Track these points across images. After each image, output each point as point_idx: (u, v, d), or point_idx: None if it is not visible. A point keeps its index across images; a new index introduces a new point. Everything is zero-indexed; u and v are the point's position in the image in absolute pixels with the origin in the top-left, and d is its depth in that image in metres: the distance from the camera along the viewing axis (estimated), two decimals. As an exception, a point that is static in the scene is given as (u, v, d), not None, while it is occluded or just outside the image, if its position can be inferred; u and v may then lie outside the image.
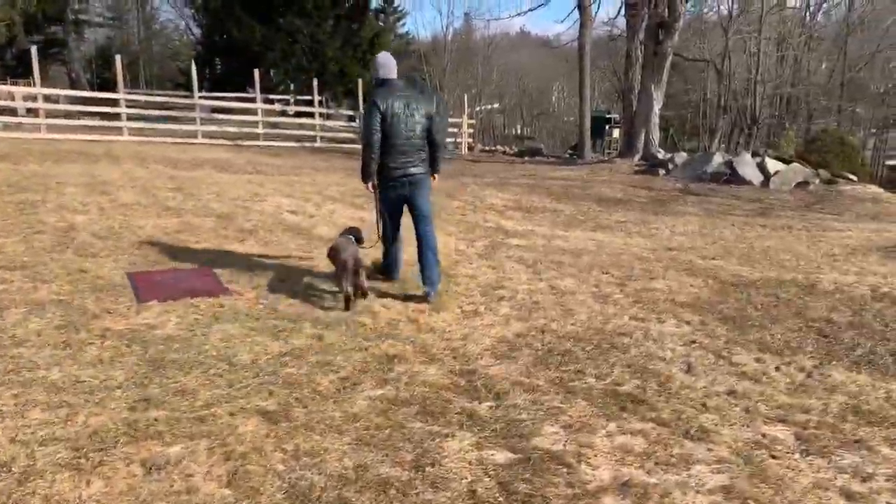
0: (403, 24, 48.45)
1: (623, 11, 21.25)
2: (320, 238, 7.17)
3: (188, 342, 4.00)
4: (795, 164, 16.57)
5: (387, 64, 5.06)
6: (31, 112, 19.91)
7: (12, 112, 20.32)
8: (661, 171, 18.17)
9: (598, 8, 23.36)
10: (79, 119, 22.19)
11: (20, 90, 22.22)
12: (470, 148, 26.67)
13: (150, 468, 2.69)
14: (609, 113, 28.93)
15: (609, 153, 24.27)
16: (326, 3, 31.43)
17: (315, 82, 24.14)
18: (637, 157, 20.71)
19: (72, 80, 39.95)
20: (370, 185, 5.08)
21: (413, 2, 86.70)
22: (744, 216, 11.38)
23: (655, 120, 20.95)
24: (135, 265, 5.66)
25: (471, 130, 27.58)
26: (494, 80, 34.65)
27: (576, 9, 22.32)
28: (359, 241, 5.22)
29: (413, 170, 5.00)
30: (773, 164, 16.56)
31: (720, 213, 11.52)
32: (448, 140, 26.52)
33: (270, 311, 4.66)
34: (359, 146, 22.15)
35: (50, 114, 19.58)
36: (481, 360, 3.84)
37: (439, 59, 37.56)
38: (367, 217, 8.79)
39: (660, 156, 20.32)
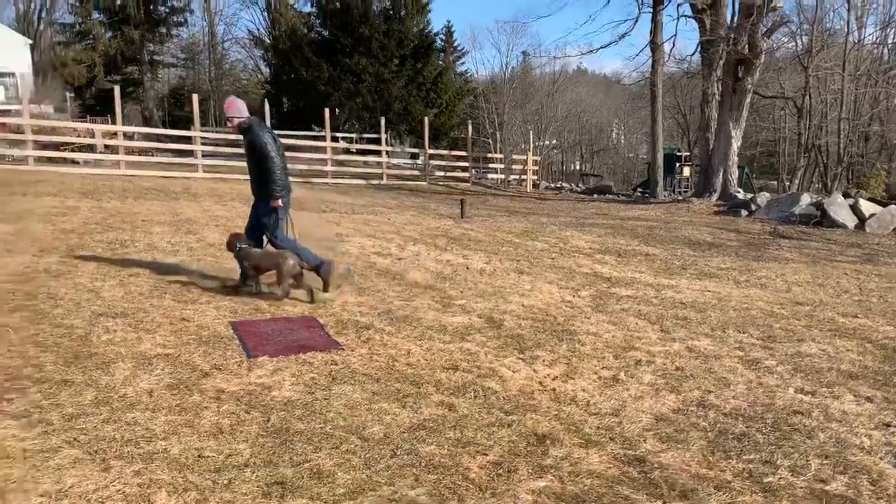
0: (463, 63, 48.93)
1: (699, 48, 20.66)
2: (416, 284, 6.81)
3: (310, 408, 3.63)
4: (893, 206, 15.56)
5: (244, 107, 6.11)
6: (109, 149, 20.44)
7: (92, 149, 20.90)
8: (744, 212, 17.38)
9: (673, 45, 22.83)
10: (153, 155, 22.79)
11: (101, 127, 22.94)
12: (534, 185, 26.28)
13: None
14: (679, 150, 28.16)
15: (681, 192, 23.48)
16: (392, 44, 31.88)
17: (383, 121, 24.22)
18: (715, 196, 19.93)
19: (145, 118, 41.49)
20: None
21: (472, 41, 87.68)
22: (850, 263, 10.58)
23: (734, 158, 20.18)
24: (236, 313, 5.38)
25: (535, 167, 27.22)
26: (558, 116, 34.31)
27: (647, 46, 21.90)
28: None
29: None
30: (867, 206, 15.62)
31: (824, 260, 10.73)
32: (500, 177, 26.17)
33: (388, 370, 4.27)
34: (423, 183, 22.14)
35: (128, 150, 20.08)
36: (646, 444, 3.34)
37: (498, 97, 37.49)
38: (453, 259, 8.45)
39: (740, 196, 19.51)
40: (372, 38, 31.40)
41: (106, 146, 20.47)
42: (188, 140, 22.12)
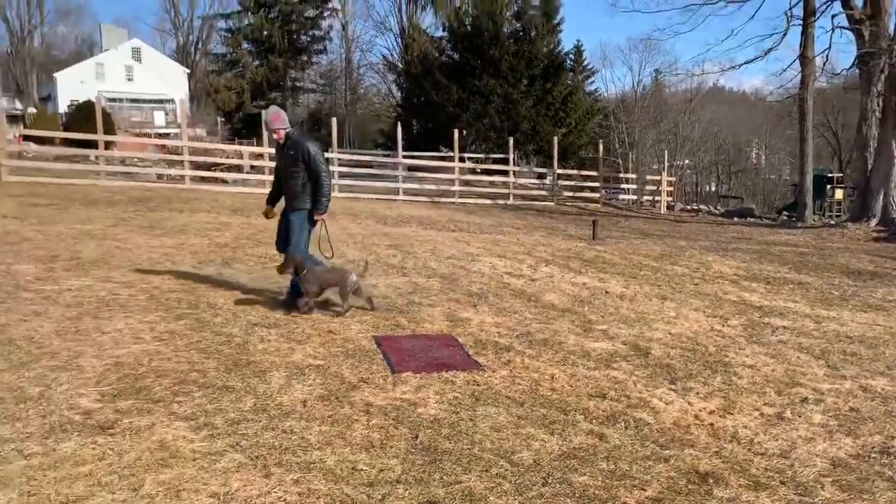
0: (592, 82, 48.30)
1: (857, 61, 19.11)
2: (552, 306, 6.67)
3: (456, 428, 3.60)
4: None
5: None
6: (255, 169, 21.82)
7: (240, 169, 22.41)
8: (909, 239, 15.78)
9: (826, 59, 21.31)
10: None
11: (248, 149, 24.58)
12: (669, 207, 25.29)
13: None
14: (829, 171, 26.12)
15: (832, 216, 21.71)
16: (521, 65, 32.00)
17: (511, 141, 24.28)
18: (874, 221, 18.25)
19: (285, 140, 43.98)
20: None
21: (602, 59, 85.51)
22: None
23: (896, 180, 18.43)
24: (378, 328, 5.50)
25: (669, 188, 26.22)
26: (694, 136, 32.94)
27: (797, 60, 20.56)
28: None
29: None
30: None
31: None
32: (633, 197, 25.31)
33: (531, 394, 4.17)
34: (551, 203, 21.83)
35: (272, 171, 21.38)
36: (824, 492, 3.02)
37: (629, 116, 36.56)
38: (588, 282, 8.22)
39: (903, 221, 17.77)
40: (501, 59, 31.69)
41: (252, 166, 21.90)
42: (326, 161, 23.24)
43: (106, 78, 45.90)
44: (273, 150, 24.61)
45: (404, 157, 22.78)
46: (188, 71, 50.56)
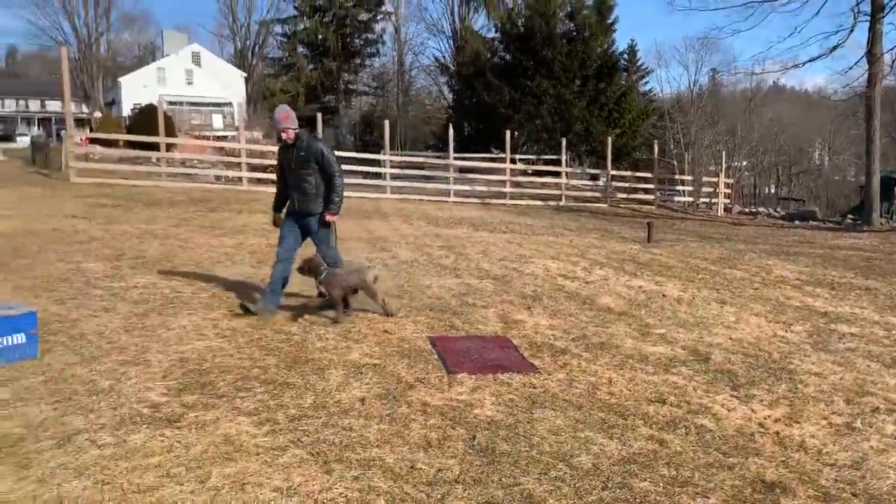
0: (647, 82, 47.46)
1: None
2: (608, 309, 6.58)
3: (514, 430, 3.58)
4: None
5: None
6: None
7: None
8: None
9: (894, 56, 20.41)
10: (345, 177, 24.42)
11: (302, 151, 24.92)
12: (726, 209, 24.66)
13: None
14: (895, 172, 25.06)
15: (901, 219, 20.82)
16: (574, 65, 31.71)
17: (564, 142, 24.06)
18: (947, 225, 17.39)
19: (338, 142, 44.68)
20: None
21: (658, 59, 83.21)
22: None
23: (972, 182, 17.53)
24: (433, 329, 5.52)
25: (727, 190, 25.56)
26: (755, 136, 31.99)
27: (864, 57, 19.80)
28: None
29: None
30: None
31: None
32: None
33: (589, 398, 4.13)
34: (604, 205, 21.48)
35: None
36: (900, 505, 2.90)
37: (684, 116, 35.79)
38: (645, 285, 8.07)
39: (979, 225, 16.88)
40: (554, 60, 31.46)
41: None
42: (377, 163, 23.51)
43: (167, 82, 47.39)
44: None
45: (455, 158, 22.81)
46: (245, 74, 51.78)
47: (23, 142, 39.15)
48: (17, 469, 3.01)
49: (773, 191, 44.35)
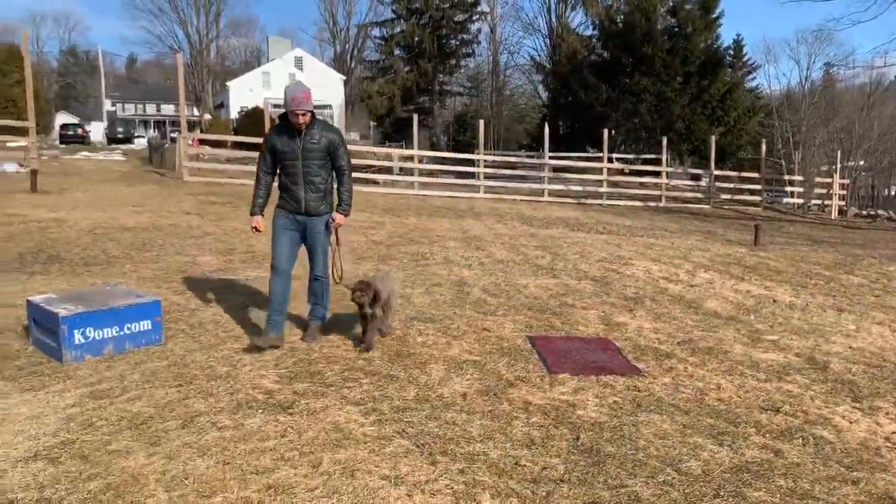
0: (754, 78, 45.28)
1: None
2: (715, 314, 6.33)
3: (619, 432, 3.52)
4: None
5: None
6: (403, 171, 22.56)
7: (389, 171, 23.25)
8: None
9: None
10: (440, 177, 24.67)
11: (398, 152, 25.47)
12: (840, 211, 23.18)
13: None
14: None
15: None
16: (676, 62, 30.65)
17: (664, 141, 23.33)
18: None
19: (432, 143, 45.19)
20: None
21: (766, 54, 78.38)
22: None
23: None
24: (531, 328, 5.50)
25: (842, 192, 24.02)
26: (874, 134, 29.81)
27: None
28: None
29: None
30: None
31: None
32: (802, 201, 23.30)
33: (697, 403, 3.99)
34: (706, 206, 20.50)
35: (420, 172, 22.03)
36: None
37: (794, 113, 33.89)
38: (753, 290, 7.70)
39: None
40: (654, 56, 30.51)
41: (401, 169, 22.68)
42: (471, 163, 23.62)
43: (271, 85, 49.44)
44: (421, 153, 25.09)
45: (550, 157, 22.58)
46: (344, 78, 53.40)
47: (140, 143, 42.01)
48: (147, 446, 3.24)
49: (893, 193, 41.22)
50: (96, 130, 52.76)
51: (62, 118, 55.67)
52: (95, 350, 4.46)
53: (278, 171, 4.81)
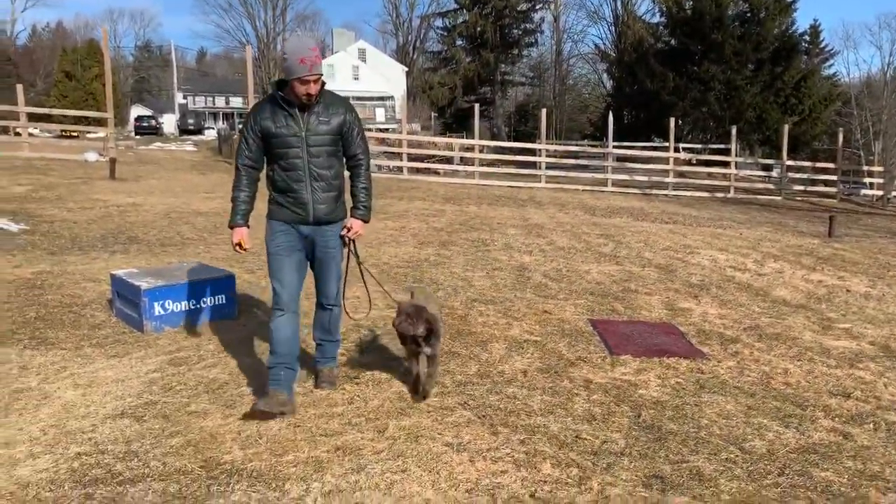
0: (831, 65, 43.37)
1: None
2: (784, 302, 6.17)
3: (681, 411, 3.51)
4: None
5: None
6: (464, 161, 22.62)
7: (450, 161, 23.36)
8: None
9: None
10: (500, 167, 24.65)
11: (459, 142, 25.55)
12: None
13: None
14: None
15: None
16: (747, 48, 29.68)
17: (733, 130, 22.63)
18: None
19: (493, 133, 45.12)
20: None
21: (845, 40, 73.56)
22: None
23: None
24: (593, 312, 5.50)
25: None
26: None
27: None
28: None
29: None
30: None
31: None
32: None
33: (762, 386, 3.93)
34: (777, 198, 19.81)
35: (480, 162, 22.06)
36: None
37: (874, 102, 32.29)
38: (825, 280, 7.45)
39: None
40: (724, 43, 29.61)
41: (462, 158, 22.76)
42: (532, 153, 23.49)
43: (336, 77, 50.21)
44: (482, 143, 25.25)
45: (614, 147, 22.23)
46: (406, 69, 53.75)
47: (210, 134, 43.46)
48: (223, 408, 3.42)
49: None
50: (168, 122, 54.91)
51: (136, 111, 58.05)
52: (174, 322, 4.71)
53: (270, 163, 3.47)
